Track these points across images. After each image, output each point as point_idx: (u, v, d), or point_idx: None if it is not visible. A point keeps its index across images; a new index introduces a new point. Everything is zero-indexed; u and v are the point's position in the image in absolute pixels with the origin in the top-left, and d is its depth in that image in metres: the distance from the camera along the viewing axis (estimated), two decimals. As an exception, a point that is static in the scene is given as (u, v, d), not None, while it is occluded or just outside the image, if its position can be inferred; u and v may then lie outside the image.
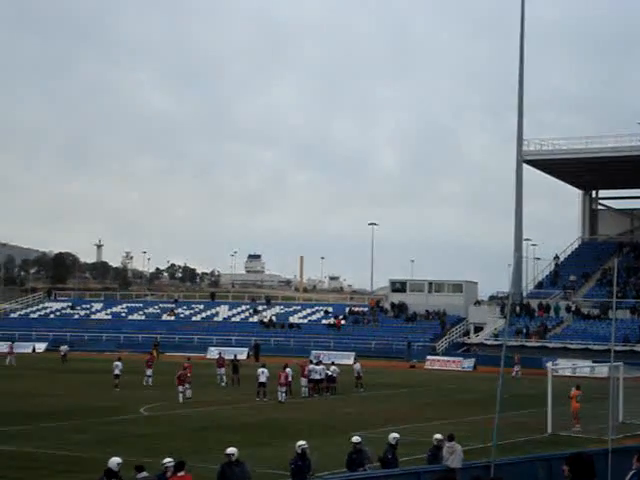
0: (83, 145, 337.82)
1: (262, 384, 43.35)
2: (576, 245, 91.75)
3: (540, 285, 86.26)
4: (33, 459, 26.06)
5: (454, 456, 20.46)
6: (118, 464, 16.93)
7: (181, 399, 41.28)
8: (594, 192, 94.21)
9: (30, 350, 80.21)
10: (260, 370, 44.25)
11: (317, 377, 46.93)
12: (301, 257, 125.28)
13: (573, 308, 77.65)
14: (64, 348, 70.04)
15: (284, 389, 42.79)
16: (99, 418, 35.37)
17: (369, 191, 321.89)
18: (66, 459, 26.15)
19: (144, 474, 16.49)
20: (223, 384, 50.16)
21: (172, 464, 17.32)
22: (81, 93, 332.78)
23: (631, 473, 12.43)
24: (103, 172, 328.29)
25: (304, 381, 46.78)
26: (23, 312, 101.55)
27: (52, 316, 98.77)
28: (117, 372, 47.56)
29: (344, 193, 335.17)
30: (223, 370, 44.69)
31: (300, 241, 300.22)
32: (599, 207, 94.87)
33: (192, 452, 25.14)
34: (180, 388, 41.73)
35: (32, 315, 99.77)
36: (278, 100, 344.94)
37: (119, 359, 49.28)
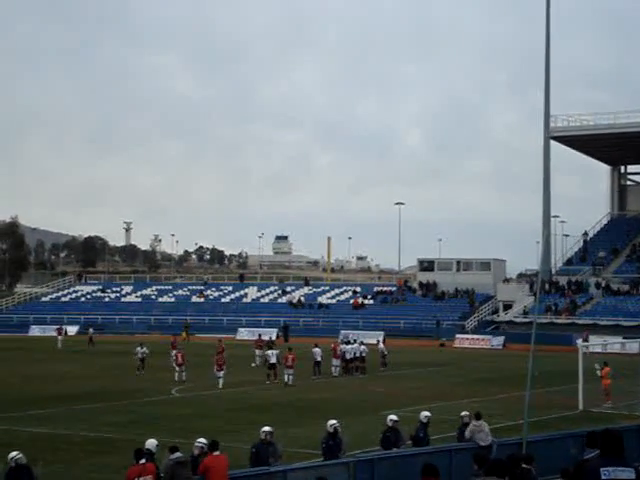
0: (110, 129, 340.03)
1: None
2: (605, 221, 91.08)
3: (569, 262, 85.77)
4: (67, 441, 26.32)
5: (481, 435, 20.40)
6: (157, 445, 17.16)
7: (221, 384, 40.08)
8: (623, 167, 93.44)
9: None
10: (270, 352, 44.00)
11: (349, 357, 46.98)
12: (328, 237, 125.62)
13: (603, 284, 77.16)
14: (90, 331, 70.59)
15: (291, 371, 41.54)
16: (131, 400, 35.63)
17: (395, 170, 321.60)
18: (99, 440, 26.41)
19: (178, 454, 16.61)
20: (253, 365, 50.25)
21: (201, 444, 17.50)
22: (106, 78, 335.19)
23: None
24: (130, 156, 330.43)
25: (335, 361, 46.83)
26: (54, 296, 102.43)
27: (83, 299, 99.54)
28: (139, 356, 46.96)
29: (370, 173, 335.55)
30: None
31: (327, 221, 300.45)
32: (628, 182, 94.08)
33: (225, 432, 25.26)
34: (219, 373, 40.48)
35: (63, 299, 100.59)
36: (301, 81, 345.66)
37: (141, 345, 48.28)
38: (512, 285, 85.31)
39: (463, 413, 21.65)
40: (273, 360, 42.92)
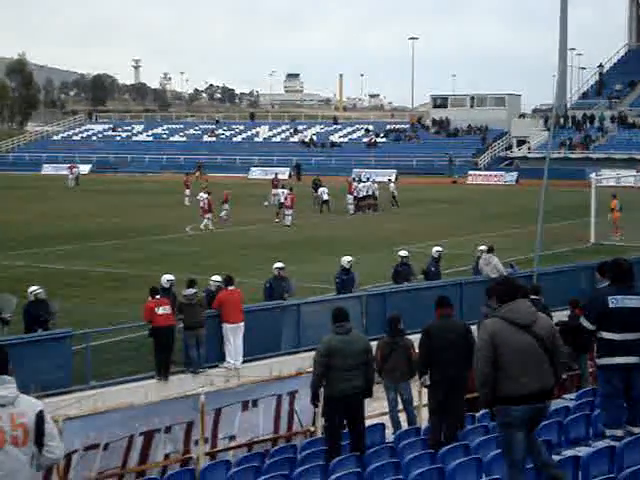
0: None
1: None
2: (622, 52, 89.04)
3: (585, 95, 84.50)
4: (83, 277, 26.77)
5: (490, 267, 20.57)
6: (168, 280, 17.52)
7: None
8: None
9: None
10: (280, 191, 43.93)
11: (362, 194, 46.99)
12: (340, 75, 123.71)
13: (618, 118, 76.23)
14: (76, 170, 69.83)
15: (290, 212, 40.72)
16: (146, 237, 35.95)
17: (409, 4, 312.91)
18: (115, 276, 26.84)
19: (190, 290, 16.74)
20: (266, 204, 49.79)
21: (217, 283, 17.74)
22: None
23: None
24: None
25: (350, 198, 46.85)
26: (65, 134, 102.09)
27: (94, 138, 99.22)
28: (202, 205, 40.47)
29: (383, 7, 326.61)
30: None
31: (339, 59, 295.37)
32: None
33: (239, 268, 25.49)
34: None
35: (74, 137, 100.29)
36: None
37: (207, 191, 41.20)
38: (527, 120, 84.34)
39: (481, 247, 21.70)
40: (282, 199, 42.86)
